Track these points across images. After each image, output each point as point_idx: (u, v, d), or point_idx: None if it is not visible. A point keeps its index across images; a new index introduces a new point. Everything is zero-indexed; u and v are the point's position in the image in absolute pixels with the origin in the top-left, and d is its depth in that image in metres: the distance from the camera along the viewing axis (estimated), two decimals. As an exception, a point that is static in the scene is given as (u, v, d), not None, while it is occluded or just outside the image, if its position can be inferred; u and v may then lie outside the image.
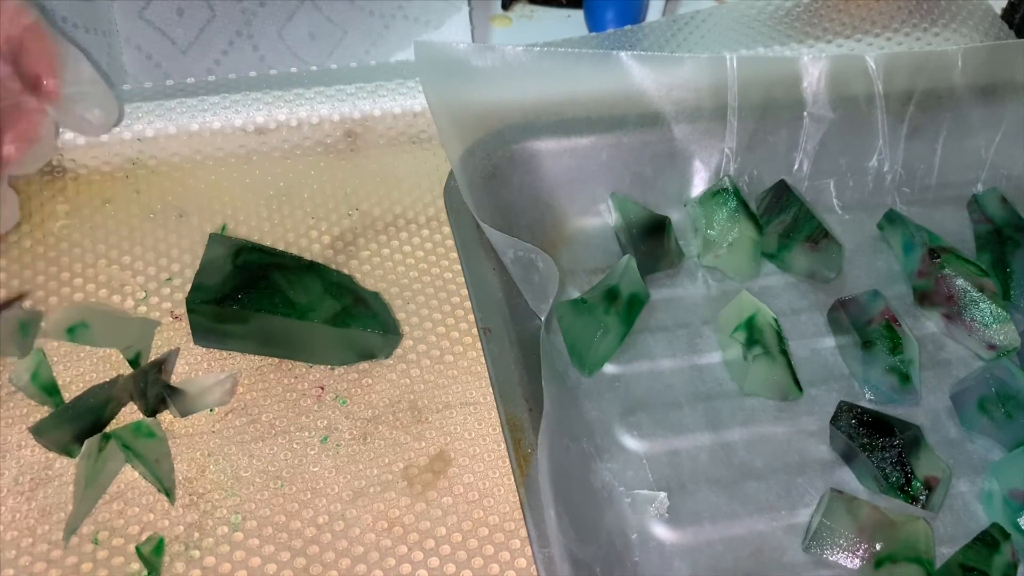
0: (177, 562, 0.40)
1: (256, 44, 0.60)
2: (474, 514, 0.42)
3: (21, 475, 0.42)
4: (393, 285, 0.50)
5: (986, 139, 0.61)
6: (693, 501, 0.47)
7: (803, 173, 0.60)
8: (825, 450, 0.49)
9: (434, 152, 0.57)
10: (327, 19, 0.61)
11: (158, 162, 0.54)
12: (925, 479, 0.46)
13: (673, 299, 0.55)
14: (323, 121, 0.57)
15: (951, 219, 0.60)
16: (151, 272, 0.49)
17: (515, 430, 0.44)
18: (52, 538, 0.40)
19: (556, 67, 0.57)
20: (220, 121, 0.56)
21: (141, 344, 0.46)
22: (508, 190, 0.56)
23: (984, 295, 0.52)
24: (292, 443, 0.44)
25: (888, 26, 0.67)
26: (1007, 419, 0.48)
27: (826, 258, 0.55)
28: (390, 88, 0.59)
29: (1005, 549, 0.44)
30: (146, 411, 0.44)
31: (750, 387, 0.51)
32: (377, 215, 0.53)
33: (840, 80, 0.58)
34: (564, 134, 0.57)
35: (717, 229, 0.55)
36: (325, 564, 0.40)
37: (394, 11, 0.63)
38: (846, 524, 0.44)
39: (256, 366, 0.46)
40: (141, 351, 0.46)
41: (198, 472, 0.43)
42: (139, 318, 0.47)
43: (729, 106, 0.58)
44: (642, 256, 0.54)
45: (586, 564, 0.41)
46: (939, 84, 0.60)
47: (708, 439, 0.49)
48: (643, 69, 0.57)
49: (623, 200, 0.57)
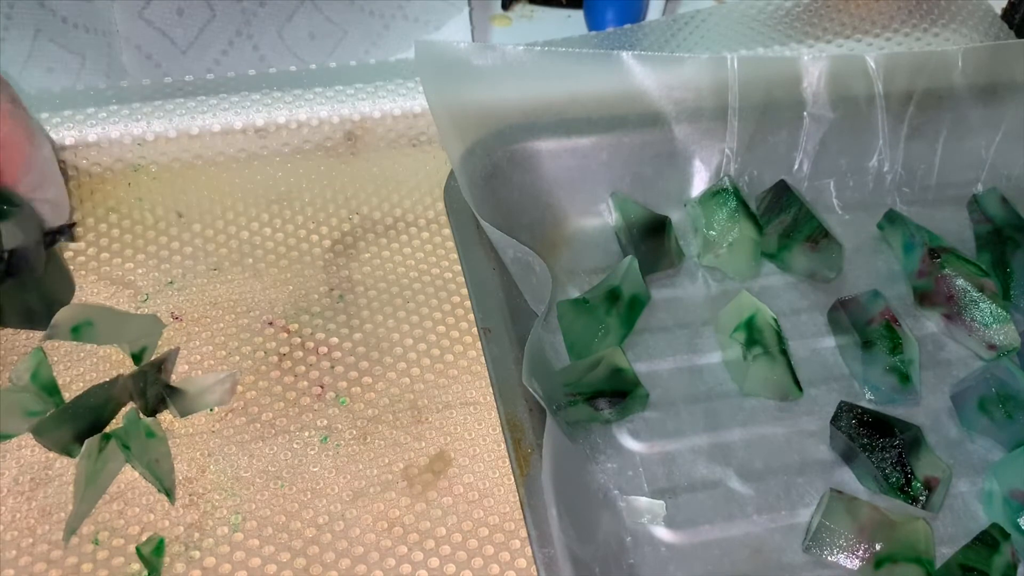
0: (177, 562, 0.40)
1: (256, 44, 0.60)
2: (474, 514, 0.42)
3: (21, 475, 0.42)
4: (393, 285, 0.50)
5: (986, 139, 0.61)
6: (693, 501, 0.47)
7: (803, 173, 0.60)
8: (825, 450, 0.49)
9: (434, 154, 0.57)
10: (327, 19, 0.61)
11: (159, 168, 0.54)
12: (925, 479, 0.46)
13: (673, 299, 0.55)
14: (323, 123, 0.57)
15: (951, 219, 0.60)
16: (153, 276, 0.49)
17: (515, 430, 0.44)
18: (52, 538, 0.40)
19: (556, 67, 0.57)
20: (220, 124, 0.56)
21: (148, 340, 0.46)
22: (508, 190, 0.56)
23: (984, 295, 0.52)
24: (292, 443, 0.44)
25: (888, 26, 0.67)
26: (1007, 419, 0.48)
27: (826, 258, 0.55)
28: (390, 89, 0.59)
29: (1005, 549, 0.44)
30: (146, 411, 0.44)
31: (750, 387, 0.51)
32: (378, 217, 0.53)
33: (840, 80, 0.58)
34: (564, 134, 0.57)
35: (717, 229, 0.55)
36: (325, 564, 0.40)
37: (394, 11, 0.63)
38: (846, 524, 0.44)
39: (256, 366, 0.46)
40: (147, 346, 0.46)
41: (198, 472, 0.43)
42: (146, 315, 0.47)
43: (729, 106, 0.58)
44: (642, 256, 0.54)
45: (586, 564, 0.41)
46: (939, 84, 0.60)
47: (708, 439, 0.49)
48: (644, 69, 0.57)
49: (623, 200, 0.57)
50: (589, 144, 0.57)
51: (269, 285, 0.50)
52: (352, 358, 0.47)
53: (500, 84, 0.56)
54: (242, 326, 0.48)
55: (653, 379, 0.51)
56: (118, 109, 0.55)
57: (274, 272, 0.50)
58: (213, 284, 0.49)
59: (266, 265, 0.50)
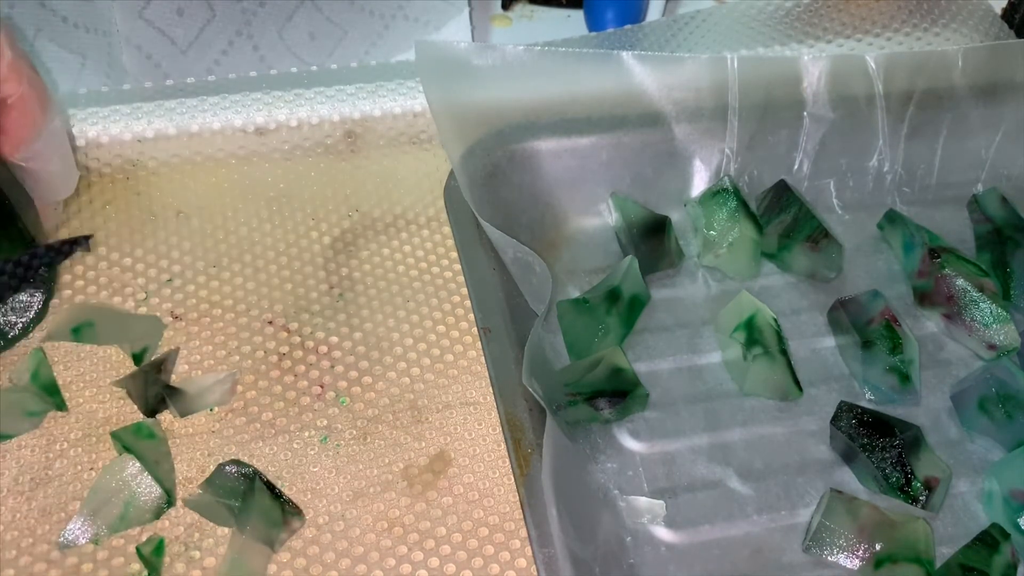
0: (177, 562, 0.40)
1: (256, 44, 0.60)
2: (474, 514, 0.42)
3: (21, 475, 0.42)
4: (393, 284, 0.50)
5: (986, 139, 0.61)
6: (693, 501, 0.47)
7: (803, 173, 0.60)
8: (825, 450, 0.49)
9: (434, 153, 0.57)
10: (327, 19, 0.61)
11: (158, 163, 0.54)
12: (925, 479, 0.46)
13: (673, 299, 0.55)
14: (323, 122, 0.57)
15: (951, 219, 0.60)
16: (151, 274, 0.49)
17: (515, 430, 0.44)
18: (52, 538, 0.40)
19: (557, 67, 0.57)
20: (220, 122, 0.56)
21: (149, 340, 0.46)
22: (508, 190, 0.56)
23: (984, 295, 0.52)
24: (292, 443, 0.44)
25: (888, 26, 0.67)
26: (1007, 419, 0.48)
27: (826, 258, 0.55)
28: (390, 88, 0.59)
29: (1005, 549, 0.44)
30: (146, 411, 0.44)
31: (750, 387, 0.51)
32: (377, 216, 0.53)
33: (840, 80, 0.58)
34: (564, 134, 0.57)
35: (717, 229, 0.55)
36: (325, 564, 0.40)
37: (394, 11, 0.63)
38: (846, 524, 0.44)
39: (256, 366, 0.46)
40: (148, 347, 0.46)
41: (198, 472, 0.43)
42: (147, 315, 0.47)
43: (729, 106, 0.58)
44: (642, 256, 0.54)
45: (586, 564, 0.41)
46: (939, 84, 0.60)
47: (708, 439, 0.49)
48: (644, 69, 0.57)
49: (623, 200, 0.57)
50: (589, 144, 0.57)
51: (269, 283, 0.50)
52: (352, 358, 0.47)
53: (500, 84, 0.56)
54: (242, 325, 0.48)
55: (653, 379, 0.51)
56: (119, 107, 0.55)
57: (273, 270, 0.50)
58: (212, 282, 0.49)
59: (265, 263, 0.50)
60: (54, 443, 0.43)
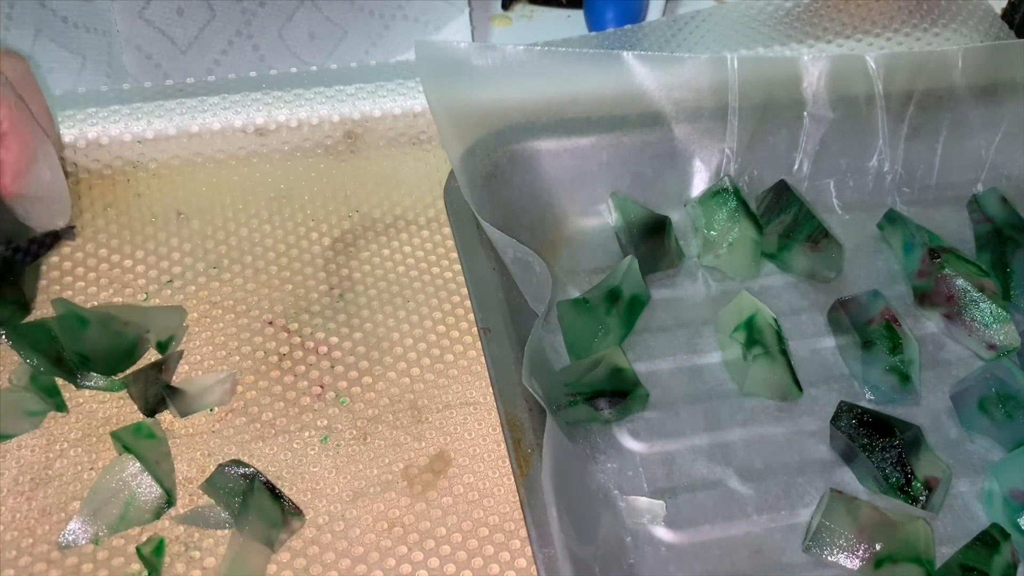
0: (177, 562, 0.40)
1: (256, 44, 0.60)
2: (474, 514, 0.42)
3: (21, 475, 0.42)
4: (393, 284, 0.50)
5: (986, 139, 0.61)
6: (693, 501, 0.47)
7: (803, 173, 0.60)
8: (825, 450, 0.49)
9: (434, 153, 0.57)
10: (327, 19, 0.61)
11: (158, 165, 0.54)
12: (925, 479, 0.46)
13: (673, 299, 0.55)
14: (323, 122, 0.57)
15: (951, 219, 0.60)
16: (152, 275, 0.49)
17: (515, 430, 0.44)
18: (52, 538, 0.40)
19: (556, 67, 0.57)
20: (220, 122, 0.56)
21: (174, 329, 0.47)
22: (508, 190, 0.56)
23: (984, 295, 0.52)
24: (292, 443, 0.44)
25: (888, 26, 0.67)
26: (1007, 419, 0.48)
27: (826, 258, 0.55)
28: (390, 88, 0.59)
29: (1005, 549, 0.44)
30: (146, 411, 0.44)
31: (750, 387, 0.51)
32: (377, 216, 0.53)
33: (840, 80, 0.58)
34: (564, 134, 0.57)
35: (717, 229, 0.55)
36: (325, 564, 0.40)
37: (394, 11, 0.63)
38: (846, 524, 0.44)
39: (256, 366, 0.46)
40: (175, 335, 0.46)
41: (198, 472, 0.43)
42: (168, 306, 0.48)
43: (729, 106, 0.58)
44: (642, 256, 0.54)
45: (586, 564, 0.41)
46: (939, 84, 0.60)
47: (708, 439, 0.49)
48: (644, 69, 0.57)
49: (623, 200, 0.57)
50: (589, 144, 0.57)
51: (269, 284, 0.50)
52: (352, 358, 0.47)
53: (500, 84, 0.56)
54: (242, 326, 0.48)
55: (653, 379, 0.51)
56: (119, 107, 0.55)
57: (274, 271, 0.50)
58: (213, 283, 0.49)
59: (266, 264, 0.50)
60: (54, 443, 0.43)
